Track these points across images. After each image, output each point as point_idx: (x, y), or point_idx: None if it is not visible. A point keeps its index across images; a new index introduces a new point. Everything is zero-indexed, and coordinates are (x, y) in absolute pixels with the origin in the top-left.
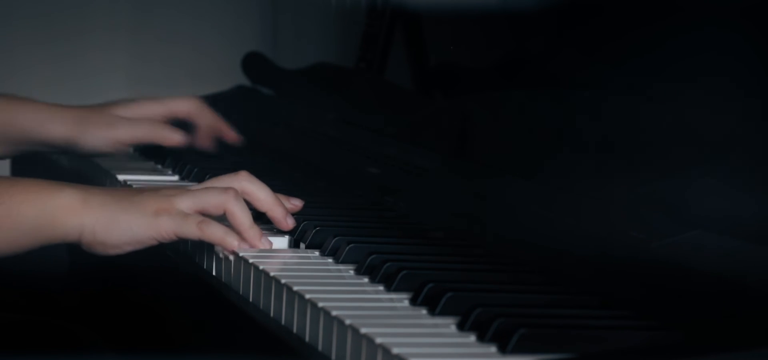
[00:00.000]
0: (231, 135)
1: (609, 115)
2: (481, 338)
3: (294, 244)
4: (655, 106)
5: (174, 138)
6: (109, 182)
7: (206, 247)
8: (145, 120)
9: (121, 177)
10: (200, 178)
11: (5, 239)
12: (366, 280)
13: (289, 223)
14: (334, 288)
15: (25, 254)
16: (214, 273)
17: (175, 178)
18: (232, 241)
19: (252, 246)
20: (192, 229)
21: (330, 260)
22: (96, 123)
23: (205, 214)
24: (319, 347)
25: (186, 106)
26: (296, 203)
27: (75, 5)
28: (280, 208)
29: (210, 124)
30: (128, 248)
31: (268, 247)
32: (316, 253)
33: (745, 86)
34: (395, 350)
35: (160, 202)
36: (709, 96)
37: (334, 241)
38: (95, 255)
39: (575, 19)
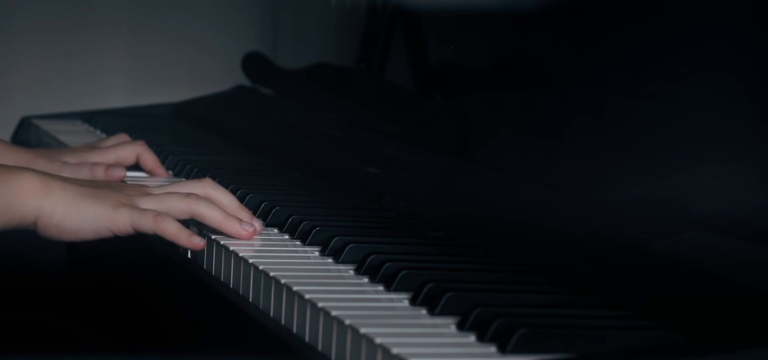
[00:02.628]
0: (163, 173)
1: (609, 114)
2: (481, 338)
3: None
4: (654, 105)
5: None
6: None
7: (206, 248)
8: (86, 166)
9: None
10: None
11: None
12: (366, 280)
13: (248, 230)
14: (334, 288)
15: (25, 250)
16: (214, 273)
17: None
18: (184, 236)
19: (236, 236)
20: (148, 223)
21: (330, 260)
22: (42, 167)
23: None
24: (319, 347)
25: (130, 156)
26: (257, 226)
27: (76, 4)
28: (246, 213)
29: (151, 167)
30: (83, 236)
31: (250, 233)
32: (316, 252)
33: (746, 86)
34: (395, 350)
35: (122, 197)
36: (709, 96)
37: (334, 241)
38: (52, 240)
39: (575, 18)
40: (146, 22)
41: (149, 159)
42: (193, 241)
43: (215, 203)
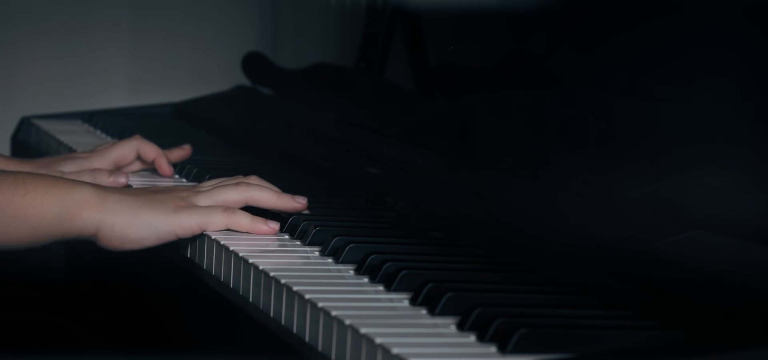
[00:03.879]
0: (166, 169)
1: (609, 114)
2: (481, 338)
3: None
4: (655, 106)
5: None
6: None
7: (206, 248)
8: (86, 173)
9: None
10: (199, 178)
11: (28, 230)
12: (366, 280)
13: (301, 202)
14: (334, 288)
15: (25, 251)
16: (214, 273)
17: (176, 177)
18: (261, 226)
19: (292, 211)
20: (219, 220)
21: (330, 260)
22: None
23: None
24: (319, 347)
25: (129, 153)
26: (302, 201)
27: (76, 4)
28: (290, 201)
29: (153, 157)
30: (146, 244)
31: (303, 204)
32: (316, 252)
33: (746, 86)
34: (395, 350)
35: (178, 200)
36: (710, 97)
37: (334, 241)
38: (110, 251)
39: (575, 18)
40: (146, 22)
41: (149, 150)
42: (271, 227)
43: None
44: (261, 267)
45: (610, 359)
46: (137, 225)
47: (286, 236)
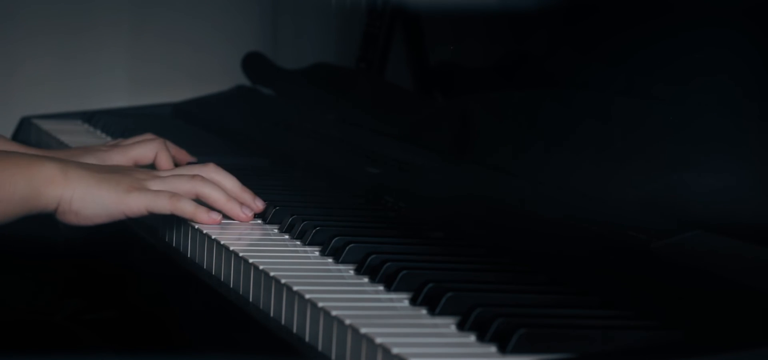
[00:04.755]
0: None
1: (609, 115)
2: (481, 338)
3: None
4: (655, 106)
5: None
6: None
7: (206, 248)
8: None
9: None
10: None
11: None
12: (366, 280)
13: (247, 214)
14: (334, 288)
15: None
16: (214, 273)
17: None
18: (202, 215)
19: (236, 218)
20: (164, 204)
21: (330, 260)
22: None
23: None
24: (319, 347)
25: (148, 154)
26: (259, 204)
27: (76, 4)
28: (248, 195)
29: (165, 168)
30: (99, 220)
31: (248, 216)
32: (316, 252)
33: (746, 86)
34: (395, 350)
35: (133, 182)
36: (709, 96)
37: (334, 241)
38: (69, 226)
39: (575, 18)
40: (146, 22)
41: (164, 161)
42: (211, 217)
43: (219, 186)
44: (261, 267)
45: (610, 359)
46: (90, 201)
47: (286, 236)
